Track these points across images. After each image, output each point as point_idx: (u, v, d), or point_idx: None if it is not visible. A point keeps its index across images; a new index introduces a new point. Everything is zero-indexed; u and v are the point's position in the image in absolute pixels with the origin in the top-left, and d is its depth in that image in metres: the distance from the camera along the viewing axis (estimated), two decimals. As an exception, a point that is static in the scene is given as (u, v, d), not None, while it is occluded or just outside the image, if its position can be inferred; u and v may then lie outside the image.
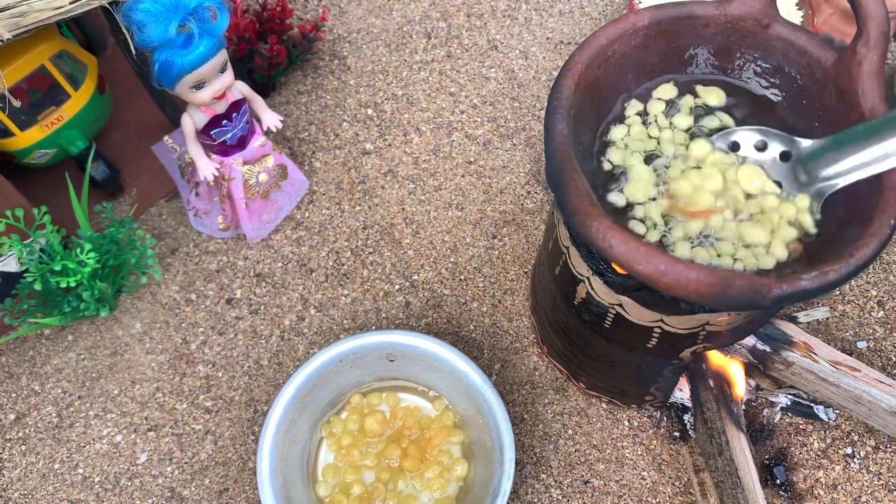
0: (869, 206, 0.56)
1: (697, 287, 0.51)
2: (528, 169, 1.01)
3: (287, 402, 0.79)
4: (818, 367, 0.80)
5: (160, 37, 0.72)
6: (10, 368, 0.90)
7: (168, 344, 0.91)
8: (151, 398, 0.88)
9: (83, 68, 0.90)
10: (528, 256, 0.95)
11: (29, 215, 0.84)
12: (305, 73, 1.09)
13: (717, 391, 0.79)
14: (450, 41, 1.11)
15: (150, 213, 0.99)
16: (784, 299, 0.53)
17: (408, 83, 1.08)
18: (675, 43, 0.69)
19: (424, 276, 0.95)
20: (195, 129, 0.84)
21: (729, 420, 0.77)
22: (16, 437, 0.86)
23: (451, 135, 1.04)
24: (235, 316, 0.92)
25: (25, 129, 0.86)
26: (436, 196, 1.00)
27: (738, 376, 0.80)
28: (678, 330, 0.67)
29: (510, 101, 1.06)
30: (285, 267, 0.95)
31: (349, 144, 1.03)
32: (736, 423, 0.77)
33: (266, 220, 0.95)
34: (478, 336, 0.91)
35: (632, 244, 0.51)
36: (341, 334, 0.91)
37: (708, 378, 0.79)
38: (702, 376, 0.79)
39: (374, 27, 1.13)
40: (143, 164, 1.00)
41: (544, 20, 1.13)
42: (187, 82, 0.77)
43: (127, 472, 0.84)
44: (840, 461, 0.83)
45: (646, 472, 0.83)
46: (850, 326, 0.90)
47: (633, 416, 0.86)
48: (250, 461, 0.85)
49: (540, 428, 0.86)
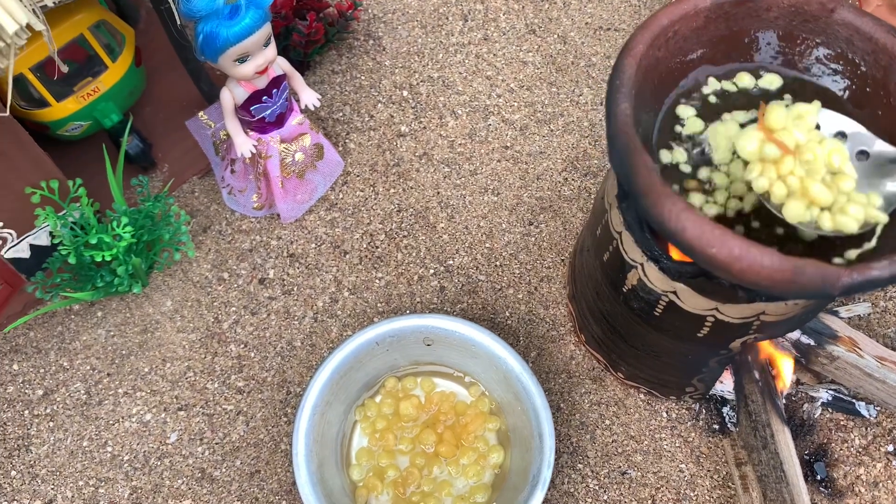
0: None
1: (771, 273, 0.50)
2: (566, 155, 0.99)
3: (323, 384, 0.78)
4: (864, 362, 0.78)
5: (207, 6, 0.71)
6: (38, 343, 0.89)
7: (200, 322, 0.90)
8: (182, 377, 0.87)
9: (121, 39, 0.88)
10: (564, 244, 0.94)
11: (63, 187, 0.83)
12: (340, 52, 1.07)
13: (762, 383, 0.77)
14: (487, 24, 1.10)
15: (182, 189, 0.97)
16: (854, 288, 0.52)
17: (443, 65, 1.06)
18: (735, 26, 0.67)
19: (459, 261, 0.93)
20: (234, 104, 0.82)
21: (774, 413, 0.76)
22: (44, 412, 0.85)
23: (487, 119, 1.02)
24: (268, 296, 0.91)
25: (61, 100, 0.85)
26: (471, 181, 0.98)
27: (786, 369, 0.79)
28: (732, 319, 0.65)
29: (548, 87, 1.05)
30: (319, 248, 0.94)
31: (384, 126, 1.02)
32: (781, 417, 0.76)
33: (300, 201, 0.94)
34: (513, 323, 0.90)
35: (706, 226, 0.50)
36: (375, 317, 0.90)
37: (753, 370, 0.78)
38: (747, 368, 0.78)
39: (409, 8, 1.11)
40: (174, 140, 0.99)
41: (583, 5, 1.11)
42: (231, 55, 0.75)
43: (156, 452, 0.83)
44: (881, 458, 0.81)
45: (684, 464, 0.82)
46: (892, 323, 0.89)
47: (672, 407, 0.85)
48: (282, 443, 0.83)
49: (576, 417, 0.84)
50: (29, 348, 0.88)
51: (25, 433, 0.84)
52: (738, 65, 0.69)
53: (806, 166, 0.56)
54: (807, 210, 0.56)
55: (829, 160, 0.56)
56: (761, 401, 0.77)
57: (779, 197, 0.56)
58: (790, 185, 0.56)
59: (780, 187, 0.56)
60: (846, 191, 0.56)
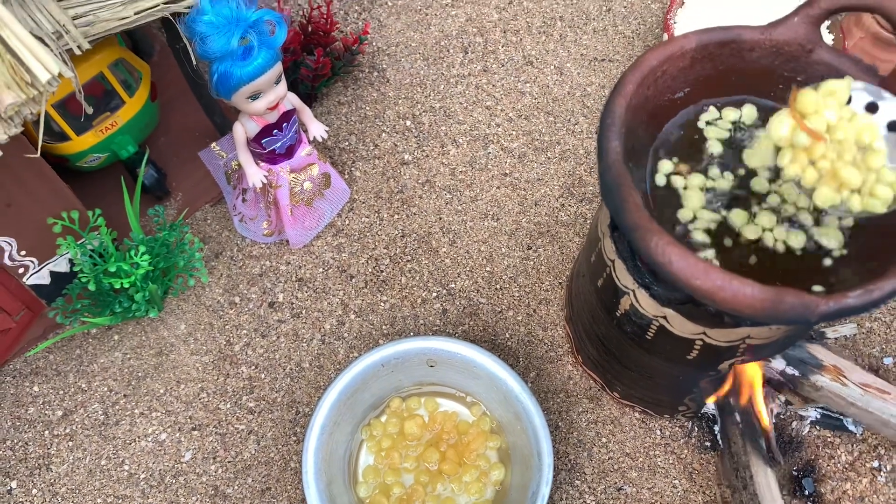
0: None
1: (752, 302, 0.54)
2: (563, 182, 1.03)
3: (331, 405, 0.81)
4: (847, 391, 0.82)
5: (222, 48, 0.75)
6: (57, 366, 0.93)
7: (212, 345, 0.93)
8: (196, 398, 0.90)
9: (138, 76, 0.93)
10: (562, 267, 0.98)
11: (83, 217, 0.87)
12: (346, 84, 1.11)
13: (743, 426, 0.81)
14: (486, 56, 1.14)
15: (195, 217, 1.02)
16: (830, 315, 0.55)
17: (445, 96, 1.11)
18: (720, 65, 0.71)
19: (461, 284, 0.97)
20: (246, 137, 0.87)
21: (754, 455, 0.79)
22: (63, 433, 0.89)
23: (487, 147, 1.07)
24: (278, 319, 0.95)
25: (81, 134, 0.89)
26: (472, 206, 1.02)
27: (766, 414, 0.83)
28: (720, 342, 0.69)
29: (545, 116, 1.09)
30: (326, 272, 0.98)
31: (388, 154, 1.06)
32: (762, 458, 0.79)
33: (309, 227, 0.98)
34: (513, 344, 0.94)
35: (690, 260, 0.54)
36: (380, 339, 0.94)
37: (735, 412, 0.82)
38: (729, 411, 0.82)
39: (412, 41, 1.16)
40: (188, 170, 1.03)
41: (579, 37, 1.15)
42: (244, 92, 0.79)
43: (172, 470, 0.87)
44: (867, 474, 0.85)
45: (677, 480, 0.85)
46: (876, 343, 0.92)
47: (666, 425, 0.88)
48: (292, 461, 0.87)
49: (574, 435, 0.88)
50: (49, 371, 0.92)
51: (46, 452, 0.88)
52: (726, 99, 0.73)
53: (837, 147, 0.57)
54: (836, 193, 0.57)
55: (860, 137, 0.56)
56: (742, 443, 0.80)
57: (810, 182, 0.58)
58: (821, 169, 0.57)
59: (811, 173, 0.58)
60: (875, 167, 0.56)
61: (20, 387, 0.91)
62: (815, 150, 0.57)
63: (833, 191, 0.57)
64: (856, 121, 0.57)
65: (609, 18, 1.17)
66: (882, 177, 0.57)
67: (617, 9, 1.18)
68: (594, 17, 1.17)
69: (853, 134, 0.56)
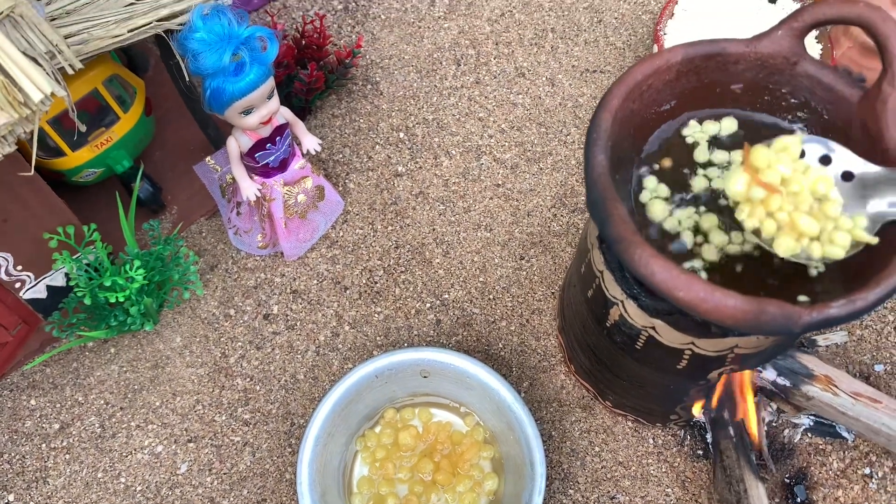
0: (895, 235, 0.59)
1: (734, 313, 0.54)
2: (555, 192, 1.04)
3: (326, 416, 0.82)
4: (838, 400, 0.82)
5: (214, 65, 0.76)
6: (54, 379, 0.93)
7: (207, 357, 0.94)
8: (192, 410, 0.91)
9: (132, 91, 0.94)
10: (554, 277, 0.99)
11: (79, 232, 0.88)
12: (340, 97, 1.13)
13: (737, 440, 0.81)
14: (478, 68, 1.15)
15: (190, 230, 1.02)
16: (813, 325, 0.56)
17: (438, 108, 1.12)
18: (706, 78, 0.72)
19: (454, 294, 0.98)
20: (240, 151, 0.88)
21: (747, 469, 0.80)
22: (60, 445, 0.90)
23: (479, 158, 1.07)
24: (272, 331, 0.96)
25: (76, 150, 0.90)
26: (465, 217, 1.03)
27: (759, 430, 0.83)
28: (708, 352, 0.70)
29: (537, 127, 1.10)
30: (320, 284, 0.99)
31: (381, 167, 1.07)
32: (754, 473, 0.80)
33: (303, 239, 0.99)
34: (506, 354, 0.94)
35: (673, 272, 0.54)
36: (374, 350, 0.95)
37: (729, 427, 0.82)
38: (723, 425, 0.82)
39: (405, 54, 1.17)
40: (183, 183, 1.04)
41: (570, 48, 1.16)
42: (237, 108, 0.80)
43: (168, 482, 0.87)
44: (859, 481, 0.85)
45: (670, 488, 0.86)
46: (867, 350, 0.93)
47: (658, 434, 0.89)
48: (287, 472, 0.88)
49: (567, 445, 0.89)
50: (46, 384, 0.93)
51: (43, 465, 0.88)
52: (711, 111, 0.74)
53: (793, 198, 0.59)
54: (796, 242, 0.59)
55: (814, 188, 0.58)
56: (735, 457, 0.81)
57: (769, 233, 0.59)
58: (779, 221, 0.59)
59: (769, 224, 0.59)
60: (833, 216, 0.59)
61: (17, 400, 0.92)
62: (772, 202, 0.59)
63: (793, 240, 0.59)
64: (810, 173, 0.59)
65: (600, 30, 1.18)
66: (840, 224, 0.59)
67: (608, 20, 1.19)
68: (585, 28, 1.18)
69: (808, 185, 0.58)
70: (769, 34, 0.70)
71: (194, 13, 0.76)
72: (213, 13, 0.76)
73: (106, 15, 0.78)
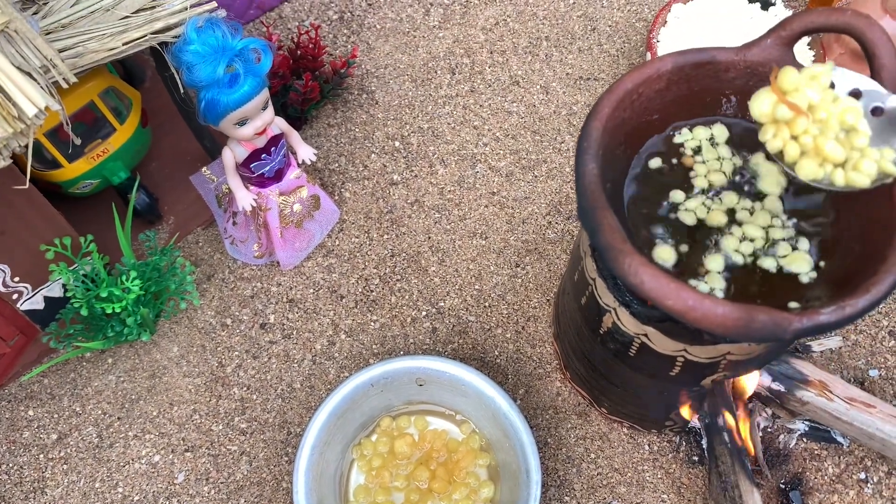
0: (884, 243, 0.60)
1: (724, 321, 0.55)
2: (550, 200, 1.05)
3: (322, 425, 0.82)
4: (833, 405, 0.82)
5: (208, 77, 0.77)
6: (51, 390, 0.94)
7: (204, 367, 0.94)
8: (189, 420, 0.91)
9: (128, 103, 0.94)
10: (550, 284, 0.99)
11: (76, 243, 0.88)
12: (335, 106, 1.13)
13: (731, 445, 0.82)
14: (473, 77, 1.16)
15: (187, 240, 1.03)
16: (803, 332, 0.56)
17: (433, 117, 1.12)
18: (696, 87, 0.72)
19: (450, 302, 0.98)
20: (235, 162, 0.88)
21: (742, 475, 0.80)
22: (58, 456, 0.90)
23: (474, 166, 1.08)
24: (269, 340, 0.96)
25: (73, 161, 0.91)
26: (461, 225, 1.04)
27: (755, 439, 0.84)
28: (700, 359, 0.70)
29: (531, 135, 1.10)
30: (316, 293, 0.99)
31: (377, 175, 1.07)
32: (749, 478, 0.80)
33: (299, 249, 0.99)
34: (502, 362, 0.95)
35: (662, 280, 0.55)
36: (370, 359, 0.95)
37: (723, 433, 0.82)
38: (717, 431, 0.82)
39: (400, 63, 1.17)
40: (179, 194, 1.04)
41: (564, 56, 1.17)
42: (231, 119, 0.81)
43: (165, 492, 0.88)
44: (854, 486, 0.86)
45: (666, 494, 0.86)
46: (862, 355, 0.93)
47: (653, 440, 0.89)
48: (284, 481, 0.88)
49: (563, 451, 0.89)
50: (43, 395, 0.93)
51: (41, 476, 0.89)
52: (702, 119, 0.74)
53: (819, 125, 0.57)
54: (820, 167, 0.57)
55: (842, 118, 0.56)
56: (730, 462, 0.81)
57: (792, 157, 0.58)
58: (804, 145, 0.57)
59: (793, 147, 0.57)
60: (860, 147, 0.57)
61: (15, 411, 0.92)
62: (797, 124, 0.57)
63: (816, 164, 0.57)
64: (839, 103, 0.57)
65: (594, 38, 1.19)
66: (867, 153, 0.57)
67: (602, 28, 1.20)
68: (579, 36, 1.19)
69: (836, 114, 0.57)
70: (758, 42, 0.71)
71: (188, 26, 0.76)
72: (207, 26, 0.76)
73: (101, 28, 0.78)
